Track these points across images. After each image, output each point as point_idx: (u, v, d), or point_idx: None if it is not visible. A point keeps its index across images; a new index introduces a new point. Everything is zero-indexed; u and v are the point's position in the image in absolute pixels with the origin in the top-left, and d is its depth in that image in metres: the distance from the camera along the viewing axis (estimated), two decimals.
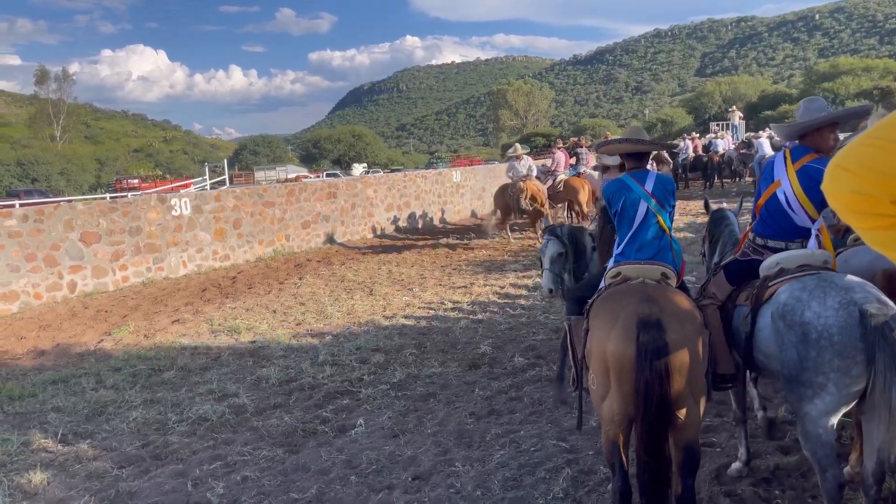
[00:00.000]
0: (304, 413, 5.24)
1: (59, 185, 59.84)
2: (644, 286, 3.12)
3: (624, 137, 3.72)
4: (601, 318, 3.04)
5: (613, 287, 3.24)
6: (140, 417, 5.32)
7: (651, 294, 2.99)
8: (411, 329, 7.53)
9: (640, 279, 3.21)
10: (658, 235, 3.37)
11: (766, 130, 30.96)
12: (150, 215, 11.71)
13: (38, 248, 10.15)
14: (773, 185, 3.44)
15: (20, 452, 4.84)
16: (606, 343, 2.90)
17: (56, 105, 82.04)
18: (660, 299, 2.96)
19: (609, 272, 3.37)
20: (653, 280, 3.20)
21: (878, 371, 2.82)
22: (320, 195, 15.18)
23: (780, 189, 3.39)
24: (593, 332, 3.06)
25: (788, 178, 3.36)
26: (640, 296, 2.97)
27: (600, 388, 2.99)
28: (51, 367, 7.03)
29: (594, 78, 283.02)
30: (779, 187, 3.40)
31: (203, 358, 6.91)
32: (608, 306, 3.08)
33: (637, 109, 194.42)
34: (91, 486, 4.25)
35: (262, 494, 4.02)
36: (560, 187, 13.45)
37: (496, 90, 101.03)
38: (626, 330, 2.83)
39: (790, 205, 3.33)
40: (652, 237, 3.36)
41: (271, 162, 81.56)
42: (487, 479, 3.96)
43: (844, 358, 2.81)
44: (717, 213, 4.53)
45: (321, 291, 9.96)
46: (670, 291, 3.10)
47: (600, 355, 2.94)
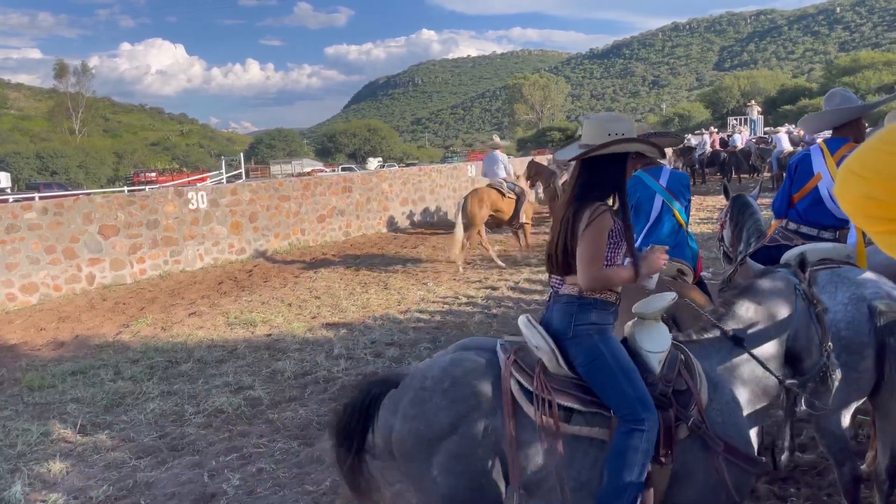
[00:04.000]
0: (319, 406, 5.27)
1: (78, 178, 60.54)
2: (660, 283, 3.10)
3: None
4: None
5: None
6: (157, 409, 5.38)
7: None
8: (426, 323, 7.54)
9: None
10: (674, 231, 3.36)
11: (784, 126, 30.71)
12: (167, 208, 11.81)
13: (58, 241, 10.27)
14: (813, 179, 3.41)
15: (40, 442, 4.91)
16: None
17: (75, 99, 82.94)
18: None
19: None
20: (669, 277, 3.19)
21: (887, 371, 2.80)
22: (335, 189, 15.23)
23: (821, 182, 3.37)
24: None
25: (829, 170, 3.34)
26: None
27: None
28: (70, 358, 7.12)
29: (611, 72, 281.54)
30: (820, 181, 3.37)
31: (219, 350, 6.96)
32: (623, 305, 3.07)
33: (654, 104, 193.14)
34: (109, 476, 4.30)
35: (278, 486, 4.05)
36: None
37: (512, 84, 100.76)
38: None
39: (832, 197, 3.30)
40: (668, 233, 3.34)
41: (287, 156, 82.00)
42: None
43: (851, 353, 2.79)
44: (739, 199, 4.31)
45: (336, 285, 9.99)
46: (686, 288, 3.09)
47: None
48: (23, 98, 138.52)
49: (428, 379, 2.43)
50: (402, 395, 2.45)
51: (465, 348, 2.58)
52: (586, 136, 2.49)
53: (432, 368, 2.48)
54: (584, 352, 2.39)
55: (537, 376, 2.35)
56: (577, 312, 2.42)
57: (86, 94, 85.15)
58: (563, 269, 2.46)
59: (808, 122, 3.79)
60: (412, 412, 2.37)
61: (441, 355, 2.61)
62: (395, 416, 2.42)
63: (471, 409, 2.34)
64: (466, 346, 2.61)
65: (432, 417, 2.34)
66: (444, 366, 2.47)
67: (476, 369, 2.43)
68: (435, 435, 2.33)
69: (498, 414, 2.34)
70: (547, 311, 2.57)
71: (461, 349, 2.58)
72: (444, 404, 2.35)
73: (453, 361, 2.47)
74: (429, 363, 2.58)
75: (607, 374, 2.34)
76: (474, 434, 2.31)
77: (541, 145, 65.55)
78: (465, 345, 2.62)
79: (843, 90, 3.70)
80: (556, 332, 2.45)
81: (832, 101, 3.62)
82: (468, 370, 2.43)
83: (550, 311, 2.53)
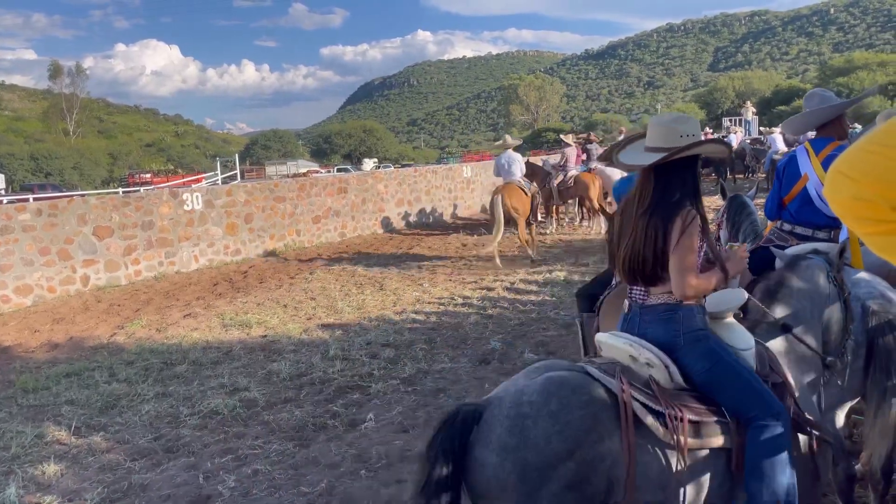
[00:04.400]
0: (315, 407, 5.27)
1: (73, 180, 60.38)
2: None
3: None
4: (611, 318, 3.04)
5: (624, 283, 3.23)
6: (152, 410, 5.37)
7: None
8: (421, 324, 7.54)
9: None
10: None
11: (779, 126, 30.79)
12: (162, 210, 11.78)
13: (52, 242, 10.24)
14: (800, 180, 3.43)
15: (34, 444, 4.89)
16: None
17: (69, 100, 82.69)
18: None
19: None
20: None
21: (871, 371, 2.84)
22: (331, 190, 15.21)
23: (808, 183, 3.39)
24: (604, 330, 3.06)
25: (815, 170, 3.36)
26: None
27: None
28: (64, 360, 7.09)
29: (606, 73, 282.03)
30: (808, 181, 3.39)
31: (214, 352, 6.95)
32: (618, 304, 3.07)
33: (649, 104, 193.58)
34: (104, 479, 4.29)
35: (273, 488, 4.04)
36: (570, 183, 13.41)
37: (507, 85, 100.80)
38: None
39: (821, 197, 3.33)
40: None
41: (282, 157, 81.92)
42: None
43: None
44: (735, 199, 4.29)
45: (332, 286, 9.98)
46: None
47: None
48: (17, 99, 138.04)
49: (524, 404, 2.12)
50: (493, 427, 2.11)
51: (549, 369, 2.30)
52: (656, 139, 2.38)
53: (525, 393, 2.16)
54: (702, 358, 2.26)
55: (660, 393, 2.18)
56: (683, 320, 2.29)
57: (80, 95, 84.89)
58: (649, 279, 2.33)
59: (791, 125, 3.82)
60: (513, 442, 2.06)
61: (521, 379, 2.29)
62: (488, 449, 2.09)
63: (587, 431, 2.09)
64: (549, 366, 2.33)
65: (542, 444, 2.05)
66: (542, 388, 2.15)
67: (583, 388, 2.17)
68: (546, 463, 2.05)
69: (615, 436, 2.11)
70: (632, 325, 2.40)
71: (546, 370, 2.29)
72: (557, 429, 2.06)
73: (553, 381, 2.17)
74: (510, 389, 2.24)
75: (732, 376, 2.23)
76: (592, 459, 2.07)
77: (536, 146, 65.58)
78: (547, 366, 2.35)
79: (821, 90, 3.72)
80: (662, 345, 2.29)
81: (811, 101, 3.65)
82: (576, 390, 2.16)
83: (642, 325, 2.37)
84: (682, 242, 2.24)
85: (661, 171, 2.33)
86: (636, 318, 2.40)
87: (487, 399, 2.24)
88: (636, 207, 2.36)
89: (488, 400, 2.23)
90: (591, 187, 13.10)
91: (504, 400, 2.17)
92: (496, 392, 2.28)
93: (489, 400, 2.23)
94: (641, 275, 2.34)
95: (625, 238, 2.38)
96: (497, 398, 2.21)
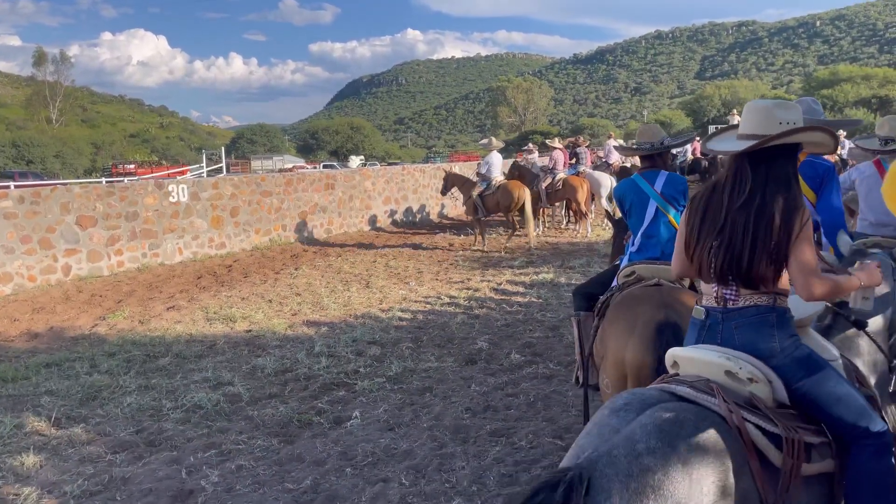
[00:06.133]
0: (300, 404, 5.22)
1: (54, 168, 59.52)
2: (659, 290, 3.11)
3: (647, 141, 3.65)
4: (618, 325, 3.04)
5: (627, 289, 3.23)
6: (134, 403, 5.29)
7: (667, 300, 2.99)
8: (408, 323, 7.52)
9: (655, 280, 3.21)
10: (673, 234, 3.37)
11: None
12: (147, 201, 11.65)
13: (34, 231, 10.09)
14: None
15: (13, 435, 4.80)
16: (624, 351, 2.90)
17: (53, 87, 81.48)
18: (676, 304, 2.96)
19: (623, 270, 3.36)
20: (668, 281, 3.20)
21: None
22: (318, 186, 15.13)
23: None
24: (609, 338, 3.06)
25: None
26: (657, 302, 2.97)
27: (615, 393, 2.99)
28: (44, 349, 6.99)
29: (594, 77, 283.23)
30: None
31: (198, 345, 6.88)
32: (624, 312, 3.07)
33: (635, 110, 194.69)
34: (84, 471, 4.22)
35: (257, 484, 4.00)
36: (559, 186, 13.44)
37: (496, 86, 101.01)
38: (645, 338, 2.83)
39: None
40: (668, 237, 3.36)
41: (268, 151, 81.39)
42: (483, 474, 3.96)
43: None
44: None
45: (317, 282, 9.93)
46: (685, 294, 3.10)
47: (617, 362, 2.94)
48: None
49: (644, 455, 1.70)
50: (615, 491, 1.67)
51: (643, 402, 1.92)
52: (751, 125, 2.14)
53: (638, 440, 1.75)
54: (804, 367, 2.01)
55: (773, 414, 1.91)
56: (778, 326, 2.04)
57: (64, 84, 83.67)
58: (748, 279, 2.05)
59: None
60: (638, 499, 1.68)
61: (614, 420, 1.88)
62: None
63: (723, 472, 1.76)
64: (641, 399, 1.95)
65: (681, 496, 1.68)
66: (657, 430, 1.76)
67: (702, 421, 1.81)
68: None
69: (746, 470, 1.82)
70: (713, 332, 2.12)
71: (641, 404, 1.91)
72: (695, 475, 1.71)
73: (667, 420, 1.79)
74: (615, 439, 1.80)
75: (836, 389, 1.98)
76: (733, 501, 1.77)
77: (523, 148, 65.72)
78: (638, 398, 1.95)
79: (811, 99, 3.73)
80: (757, 354, 2.02)
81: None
82: (697, 425, 1.79)
83: (727, 331, 2.08)
84: (801, 239, 2.00)
85: (760, 161, 2.09)
86: (718, 324, 2.11)
87: (588, 459, 1.75)
88: (728, 201, 2.10)
89: (590, 460, 1.74)
90: (580, 191, 13.15)
91: (616, 455, 1.72)
92: (589, 445, 1.82)
93: (592, 460, 1.74)
94: (738, 274, 2.06)
95: (709, 234, 2.12)
96: (605, 454, 1.74)
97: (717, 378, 1.99)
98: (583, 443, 1.85)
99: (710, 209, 2.15)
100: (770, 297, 2.06)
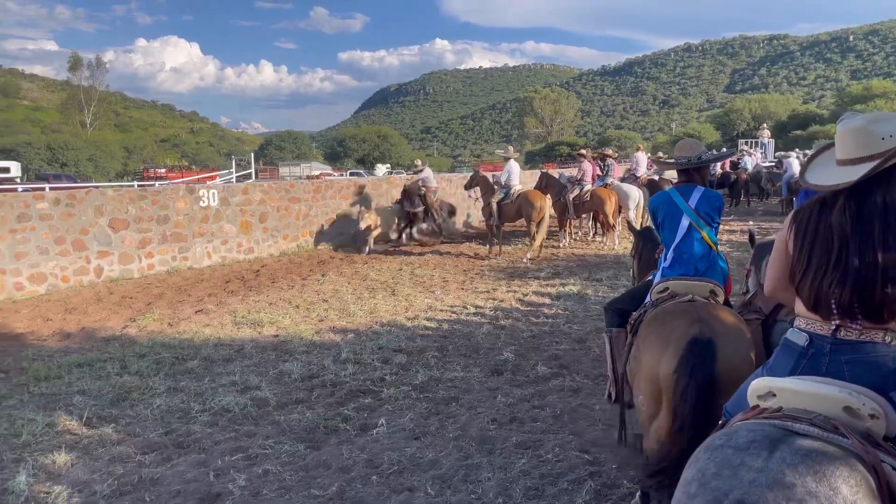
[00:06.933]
0: (326, 410, 5.24)
1: (87, 171, 60.70)
2: (693, 306, 3.07)
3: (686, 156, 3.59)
4: (652, 340, 3.00)
5: (661, 304, 3.20)
6: (163, 405, 5.35)
7: (701, 315, 2.96)
8: (433, 331, 7.51)
9: (689, 296, 3.17)
10: (706, 251, 3.33)
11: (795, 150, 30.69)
12: (178, 205, 11.82)
13: (68, 232, 10.28)
14: None
15: (45, 433, 4.88)
16: (659, 366, 2.87)
17: (88, 92, 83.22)
18: (710, 320, 2.92)
19: (656, 286, 3.32)
20: (701, 297, 3.16)
21: None
22: (346, 193, 15.24)
23: None
24: (643, 354, 3.03)
25: None
26: (692, 317, 2.94)
27: (649, 409, 2.96)
28: (76, 349, 7.10)
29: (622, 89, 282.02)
30: None
31: (226, 349, 6.94)
32: (658, 328, 3.04)
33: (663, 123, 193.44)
34: (114, 471, 4.27)
35: (284, 489, 4.02)
36: (587, 197, 13.38)
37: (523, 97, 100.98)
38: (680, 354, 2.80)
39: None
40: (701, 253, 3.32)
41: (296, 158, 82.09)
42: (509, 486, 3.93)
43: None
44: (763, 245, 4.27)
45: (344, 289, 9.98)
46: (719, 310, 3.06)
47: (652, 378, 2.91)
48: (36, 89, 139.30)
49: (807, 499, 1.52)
50: None
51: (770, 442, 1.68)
52: (850, 148, 1.91)
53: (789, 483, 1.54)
54: None
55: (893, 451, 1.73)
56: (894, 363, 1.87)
57: (99, 88, 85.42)
58: (871, 314, 1.87)
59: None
60: None
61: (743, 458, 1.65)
62: None
63: None
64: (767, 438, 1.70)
65: None
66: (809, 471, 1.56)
67: (847, 462, 1.62)
68: None
69: None
70: (817, 364, 1.93)
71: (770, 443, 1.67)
72: None
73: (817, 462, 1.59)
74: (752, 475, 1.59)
75: None
76: None
77: (549, 159, 65.59)
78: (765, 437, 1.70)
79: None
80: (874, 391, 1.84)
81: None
82: (847, 467, 1.60)
83: (834, 364, 1.90)
84: None
85: (880, 181, 1.88)
86: (824, 355, 1.92)
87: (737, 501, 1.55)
88: (843, 227, 1.90)
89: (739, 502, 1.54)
90: (608, 202, 13.07)
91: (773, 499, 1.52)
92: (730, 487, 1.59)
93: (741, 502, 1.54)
94: (866, 309, 1.86)
95: (823, 264, 1.92)
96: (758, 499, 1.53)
97: (834, 414, 1.78)
98: (717, 485, 1.63)
99: (819, 234, 1.95)
100: (889, 333, 1.89)
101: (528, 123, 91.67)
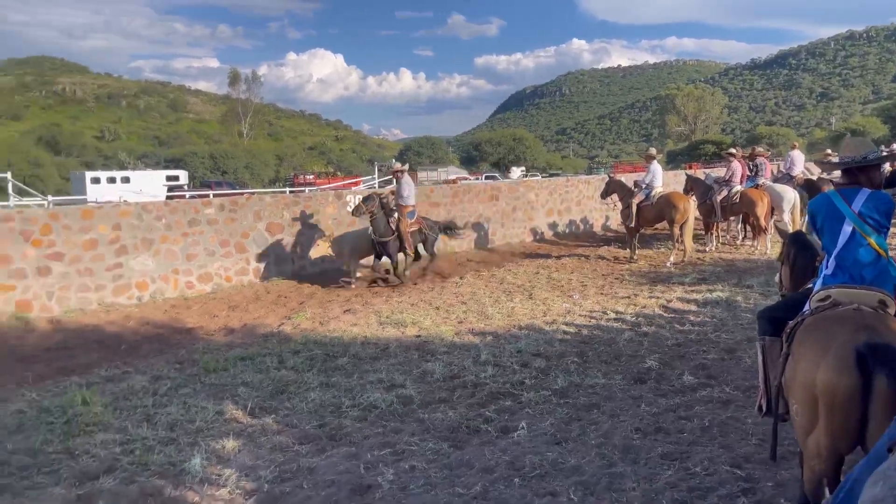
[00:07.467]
0: (468, 410, 5.36)
1: (244, 178, 65.49)
2: (860, 313, 2.86)
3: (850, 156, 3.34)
4: (808, 346, 2.83)
5: (821, 312, 3.00)
6: (317, 399, 5.71)
7: (868, 322, 2.75)
8: (572, 336, 7.46)
9: (854, 305, 2.95)
10: (874, 258, 3.07)
11: None
12: (327, 210, 12.50)
13: (231, 235, 11.18)
14: None
15: (215, 420, 5.36)
16: (816, 373, 2.70)
17: (245, 104, 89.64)
18: (880, 327, 2.71)
19: (816, 294, 3.12)
20: (869, 307, 2.93)
21: None
22: (483, 197, 15.42)
23: None
24: (799, 361, 2.86)
25: None
26: (856, 324, 2.74)
27: (805, 420, 2.79)
28: (239, 344, 7.72)
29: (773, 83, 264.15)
30: None
31: (372, 348, 7.27)
32: (817, 334, 2.86)
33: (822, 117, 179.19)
34: (275, 458, 4.62)
35: (429, 485, 4.16)
36: (736, 199, 12.69)
37: (664, 94, 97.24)
38: (840, 360, 2.62)
39: None
40: (868, 260, 3.06)
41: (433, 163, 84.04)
42: (655, 498, 3.85)
43: None
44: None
45: (481, 292, 10.12)
46: (891, 320, 2.84)
47: (808, 385, 2.74)
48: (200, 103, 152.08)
49: None
50: None
51: None
52: None
53: None
54: None
55: None
56: None
57: (254, 101, 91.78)
58: None
59: None
60: None
61: None
62: None
63: None
64: None
65: None
66: None
67: None
68: None
69: None
70: None
71: None
72: None
73: None
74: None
75: None
76: None
77: (693, 158, 62.80)
78: None
79: None
80: None
81: None
82: None
83: None
84: None
85: None
86: None
87: None
88: None
89: None
90: (759, 204, 12.35)
91: None
92: None
93: None
94: None
95: None
96: None
97: None
98: None
99: None
100: None
101: (670, 122, 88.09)
